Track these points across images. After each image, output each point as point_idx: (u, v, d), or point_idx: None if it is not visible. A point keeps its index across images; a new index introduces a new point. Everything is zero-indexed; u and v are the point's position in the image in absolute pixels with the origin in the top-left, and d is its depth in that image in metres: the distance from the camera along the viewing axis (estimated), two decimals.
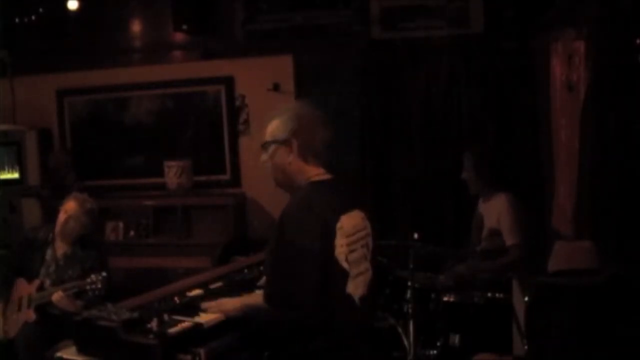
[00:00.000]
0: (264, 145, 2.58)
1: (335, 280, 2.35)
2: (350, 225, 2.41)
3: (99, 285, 3.63)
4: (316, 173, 2.48)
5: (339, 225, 2.36)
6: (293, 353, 2.41)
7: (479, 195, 4.42)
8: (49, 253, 4.10)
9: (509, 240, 4.12)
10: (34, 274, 4.04)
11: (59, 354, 2.71)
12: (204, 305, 2.81)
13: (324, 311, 2.34)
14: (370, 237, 2.50)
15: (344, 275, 2.36)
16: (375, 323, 3.39)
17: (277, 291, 2.38)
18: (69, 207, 4.06)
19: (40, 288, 3.99)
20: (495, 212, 4.23)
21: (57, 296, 3.80)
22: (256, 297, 2.70)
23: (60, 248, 4.10)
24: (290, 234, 2.32)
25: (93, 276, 3.66)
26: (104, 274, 3.68)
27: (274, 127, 2.55)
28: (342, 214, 2.39)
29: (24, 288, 4.03)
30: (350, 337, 2.40)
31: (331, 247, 2.34)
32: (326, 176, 2.49)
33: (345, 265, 2.36)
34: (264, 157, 2.59)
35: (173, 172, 5.75)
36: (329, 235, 2.34)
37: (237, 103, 5.89)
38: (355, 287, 2.40)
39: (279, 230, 2.36)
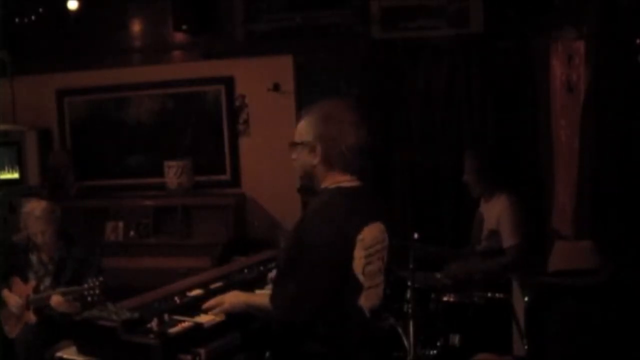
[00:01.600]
0: (291, 145, 2.46)
1: (348, 292, 2.31)
2: (371, 238, 2.35)
3: (97, 291, 3.62)
4: (343, 179, 2.41)
5: (360, 237, 2.30)
6: (294, 354, 2.41)
7: (481, 196, 4.42)
8: (33, 259, 4.08)
9: (508, 241, 4.12)
10: (23, 277, 4.04)
11: (59, 354, 2.71)
12: (205, 305, 2.79)
13: (332, 321, 2.31)
14: (386, 250, 2.44)
15: (358, 288, 2.32)
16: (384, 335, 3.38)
17: (284, 294, 2.33)
18: (38, 227, 4.01)
19: (37, 289, 3.98)
20: (495, 213, 4.22)
21: (56, 300, 3.80)
22: (259, 297, 2.69)
23: (46, 253, 4.08)
24: (307, 241, 2.27)
25: (91, 281, 3.65)
26: (101, 278, 3.67)
27: (302, 127, 2.43)
28: (364, 226, 2.33)
29: (20, 289, 4.03)
30: (356, 347, 2.38)
31: (349, 258, 2.28)
32: (353, 183, 2.42)
33: (360, 277, 2.31)
34: (293, 155, 2.48)
35: (173, 172, 5.75)
36: (348, 246, 2.28)
37: (237, 103, 5.89)
38: (367, 299, 2.36)
39: (297, 234, 2.30)
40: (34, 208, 4.06)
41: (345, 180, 2.40)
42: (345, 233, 2.28)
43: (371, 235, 2.35)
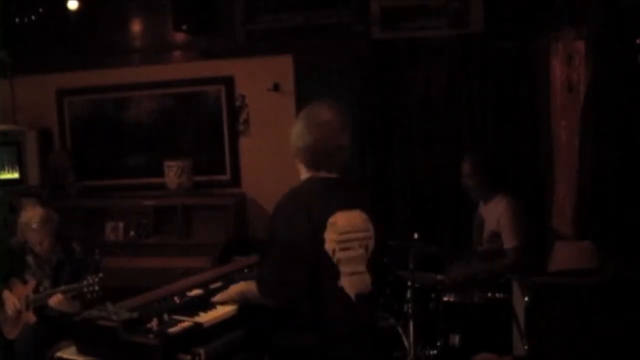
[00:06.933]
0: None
1: (325, 273, 2.38)
2: (346, 223, 2.41)
3: (96, 287, 3.62)
4: (318, 173, 2.50)
5: (331, 220, 2.38)
6: (289, 348, 2.43)
7: (480, 199, 4.43)
8: (31, 262, 4.07)
9: (508, 243, 4.13)
10: (22, 279, 4.03)
11: (59, 354, 2.71)
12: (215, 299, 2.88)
13: (316, 303, 2.36)
14: (372, 239, 2.49)
15: (334, 269, 2.39)
16: (375, 323, 3.38)
17: (265, 279, 2.44)
18: (36, 238, 3.98)
19: (36, 290, 3.98)
20: (495, 214, 4.23)
21: (55, 299, 3.79)
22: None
23: (44, 257, 4.07)
24: (277, 228, 2.37)
25: (90, 278, 3.64)
26: (100, 274, 3.66)
27: (292, 135, 2.55)
28: (337, 211, 2.40)
29: (19, 290, 4.02)
30: (346, 332, 2.41)
31: (319, 239, 2.36)
32: (329, 175, 2.49)
33: (334, 259, 2.38)
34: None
35: (173, 172, 5.75)
36: (318, 228, 2.36)
37: (237, 103, 5.89)
38: (350, 285, 2.42)
39: (270, 224, 2.41)
40: (31, 219, 4.01)
41: (322, 173, 2.50)
42: (313, 216, 2.36)
43: (346, 221, 2.42)
